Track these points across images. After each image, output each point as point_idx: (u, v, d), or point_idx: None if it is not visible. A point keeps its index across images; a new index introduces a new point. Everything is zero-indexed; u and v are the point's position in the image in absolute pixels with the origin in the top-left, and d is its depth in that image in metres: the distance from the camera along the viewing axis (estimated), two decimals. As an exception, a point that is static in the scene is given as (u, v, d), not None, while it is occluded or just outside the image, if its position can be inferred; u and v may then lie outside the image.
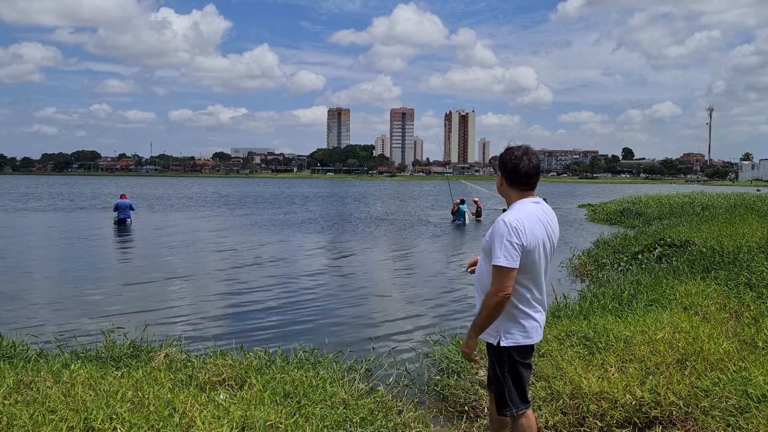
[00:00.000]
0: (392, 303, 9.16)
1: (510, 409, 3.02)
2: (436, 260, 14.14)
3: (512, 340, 2.96)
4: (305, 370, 4.86)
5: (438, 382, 4.93)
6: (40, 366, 4.66)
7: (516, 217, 2.88)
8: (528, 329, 2.98)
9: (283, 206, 36.20)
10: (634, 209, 24.47)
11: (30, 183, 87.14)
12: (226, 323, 7.76)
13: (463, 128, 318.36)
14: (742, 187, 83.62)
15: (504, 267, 2.81)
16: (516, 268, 2.84)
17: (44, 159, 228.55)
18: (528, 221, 2.89)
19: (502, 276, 2.82)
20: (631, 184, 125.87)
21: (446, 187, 40.46)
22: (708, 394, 3.85)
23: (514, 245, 2.82)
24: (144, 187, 70.04)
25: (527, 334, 2.98)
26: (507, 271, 2.82)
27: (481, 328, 2.94)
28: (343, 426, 3.77)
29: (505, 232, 2.84)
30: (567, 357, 4.69)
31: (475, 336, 2.99)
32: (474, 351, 3.05)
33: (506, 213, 2.96)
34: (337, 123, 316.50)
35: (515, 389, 3.01)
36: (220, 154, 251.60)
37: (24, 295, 9.50)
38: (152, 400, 3.83)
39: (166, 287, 10.19)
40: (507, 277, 2.82)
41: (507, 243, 2.82)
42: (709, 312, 5.89)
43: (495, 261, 2.84)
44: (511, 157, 2.98)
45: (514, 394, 3.01)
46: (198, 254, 14.82)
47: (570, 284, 9.93)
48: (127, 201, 21.55)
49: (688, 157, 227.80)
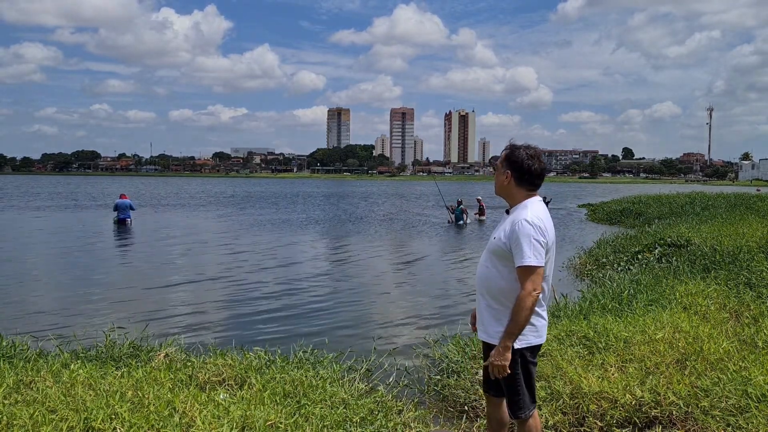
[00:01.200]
0: (392, 303, 9.15)
1: (524, 411, 2.99)
2: (436, 260, 14.14)
3: (525, 341, 2.93)
4: (305, 370, 4.86)
5: (438, 382, 4.93)
6: (40, 366, 4.65)
7: (537, 216, 2.88)
8: (539, 328, 2.97)
9: (283, 206, 36.19)
10: (634, 209, 24.45)
11: (31, 183, 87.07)
12: (226, 323, 7.76)
13: (463, 128, 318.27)
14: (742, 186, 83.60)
15: (535, 266, 2.80)
16: (543, 266, 2.84)
17: (44, 159, 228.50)
18: (546, 220, 2.91)
19: (535, 275, 2.81)
20: (631, 184, 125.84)
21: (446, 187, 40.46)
22: (708, 393, 3.85)
23: (541, 243, 2.82)
24: (144, 187, 70.00)
25: (538, 333, 2.98)
26: (539, 270, 2.81)
27: (518, 334, 2.86)
28: (343, 426, 3.77)
29: (532, 231, 2.82)
30: (567, 357, 4.69)
31: (510, 344, 2.88)
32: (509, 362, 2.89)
33: (524, 212, 2.90)
34: (337, 123, 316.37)
35: (527, 390, 2.99)
36: (220, 154, 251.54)
37: (24, 295, 9.49)
38: (152, 400, 3.83)
39: (166, 287, 10.18)
40: (538, 276, 2.81)
41: (535, 242, 2.80)
42: (709, 312, 5.89)
43: (524, 261, 2.80)
44: (525, 157, 2.95)
45: (526, 395, 2.99)
46: (198, 254, 14.82)
47: (570, 284, 9.93)
48: (127, 201, 21.51)
49: (688, 157, 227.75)
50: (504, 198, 3.09)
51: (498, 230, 3.03)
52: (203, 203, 39.24)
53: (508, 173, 2.99)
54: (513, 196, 3.01)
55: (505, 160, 3.01)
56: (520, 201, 2.99)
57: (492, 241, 3.02)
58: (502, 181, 3.04)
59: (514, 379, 2.96)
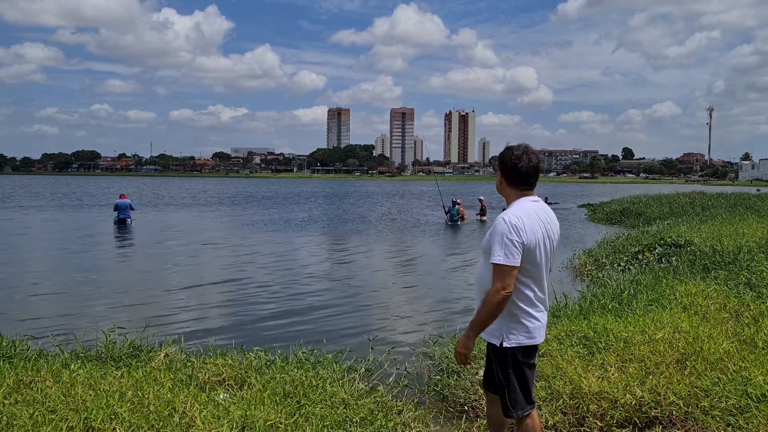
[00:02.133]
0: (392, 303, 9.15)
1: (515, 411, 2.99)
2: (436, 260, 14.13)
3: (515, 341, 2.93)
4: (305, 370, 4.86)
5: (438, 382, 4.93)
6: (40, 366, 4.65)
7: (516, 215, 2.87)
8: (531, 329, 2.95)
9: (283, 205, 36.19)
10: (634, 209, 24.44)
11: (32, 183, 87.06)
12: (226, 323, 7.76)
13: (463, 128, 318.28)
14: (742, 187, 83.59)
15: (504, 265, 2.79)
16: (517, 266, 2.81)
17: (44, 159, 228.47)
18: (527, 219, 2.88)
19: (503, 274, 2.79)
20: (632, 184, 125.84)
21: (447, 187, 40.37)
22: (708, 393, 3.85)
23: (515, 243, 2.80)
24: (145, 187, 70.00)
25: (530, 334, 2.95)
26: (507, 269, 2.79)
27: (481, 327, 2.90)
28: (343, 426, 3.77)
29: (506, 230, 2.82)
30: (567, 357, 4.69)
31: (473, 336, 2.94)
32: (470, 352, 3.01)
33: (506, 211, 2.94)
34: (337, 123, 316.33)
35: (520, 391, 2.99)
36: (220, 153, 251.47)
37: (23, 294, 9.49)
38: (152, 400, 3.83)
39: (166, 287, 10.18)
40: (507, 275, 2.79)
41: (507, 241, 2.80)
42: (708, 312, 5.89)
43: (494, 259, 2.81)
44: (511, 156, 2.96)
45: (519, 395, 2.99)
46: (198, 254, 14.81)
47: (570, 284, 9.93)
48: (127, 201, 21.55)
49: (688, 157, 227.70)
50: (504, 198, 3.13)
51: (489, 230, 3.06)
52: (203, 203, 39.24)
53: (500, 174, 3.06)
54: (508, 196, 3.05)
55: (498, 161, 3.08)
56: (512, 200, 3.02)
57: (483, 241, 3.05)
58: (498, 183, 3.11)
59: (506, 378, 2.98)
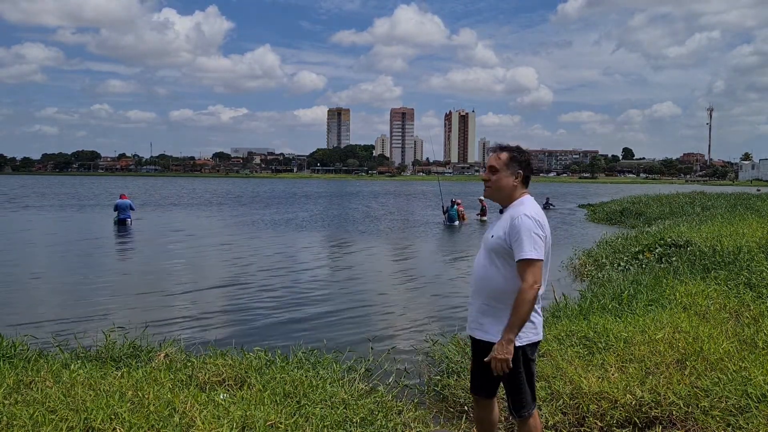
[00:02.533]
0: (392, 303, 9.15)
1: (527, 409, 2.99)
2: (436, 260, 14.14)
3: (525, 338, 2.94)
4: (305, 370, 4.86)
5: (438, 382, 4.93)
6: (40, 366, 4.65)
7: (536, 211, 2.93)
8: (537, 325, 3.00)
9: (283, 205, 36.19)
10: (634, 209, 24.45)
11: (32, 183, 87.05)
12: (226, 323, 7.76)
13: (463, 128, 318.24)
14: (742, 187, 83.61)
15: (536, 260, 2.83)
16: (543, 260, 2.87)
17: (44, 159, 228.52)
18: (543, 216, 2.96)
19: (535, 269, 2.83)
20: (632, 184, 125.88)
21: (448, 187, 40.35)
22: (708, 394, 3.85)
23: (541, 237, 2.87)
24: (146, 187, 70.00)
25: (537, 330, 3.00)
26: (539, 263, 2.84)
27: (519, 327, 2.85)
28: (343, 426, 3.77)
29: (532, 225, 2.86)
30: (567, 357, 4.69)
31: (513, 338, 2.85)
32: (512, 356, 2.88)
33: (522, 208, 2.95)
34: (337, 123, 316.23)
35: (529, 388, 3.00)
36: (220, 154, 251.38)
37: (23, 294, 9.50)
38: (152, 400, 3.83)
39: (166, 287, 10.18)
40: (538, 270, 2.84)
41: (535, 236, 2.85)
42: (709, 312, 5.89)
43: (525, 254, 2.82)
44: (529, 157, 3.11)
45: (528, 393, 2.99)
46: (198, 254, 14.81)
47: (570, 284, 9.93)
48: (127, 201, 21.54)
49: (688, 157, 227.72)
50: (499, 199, 3.07)
51: (495, 228, 3.02)
52: (204, 203, 39.24)
53: (520, 173, 3.03)
54: (514, 195, 3.03)
55: (512, 161, 3.02)
56: (517, 198, 3.02)
57: (490, 240, 3.01)
58: (509, 182, 3.01)
59: (517, 378, 2.96)
